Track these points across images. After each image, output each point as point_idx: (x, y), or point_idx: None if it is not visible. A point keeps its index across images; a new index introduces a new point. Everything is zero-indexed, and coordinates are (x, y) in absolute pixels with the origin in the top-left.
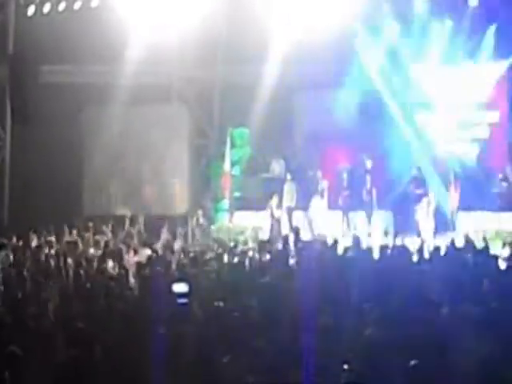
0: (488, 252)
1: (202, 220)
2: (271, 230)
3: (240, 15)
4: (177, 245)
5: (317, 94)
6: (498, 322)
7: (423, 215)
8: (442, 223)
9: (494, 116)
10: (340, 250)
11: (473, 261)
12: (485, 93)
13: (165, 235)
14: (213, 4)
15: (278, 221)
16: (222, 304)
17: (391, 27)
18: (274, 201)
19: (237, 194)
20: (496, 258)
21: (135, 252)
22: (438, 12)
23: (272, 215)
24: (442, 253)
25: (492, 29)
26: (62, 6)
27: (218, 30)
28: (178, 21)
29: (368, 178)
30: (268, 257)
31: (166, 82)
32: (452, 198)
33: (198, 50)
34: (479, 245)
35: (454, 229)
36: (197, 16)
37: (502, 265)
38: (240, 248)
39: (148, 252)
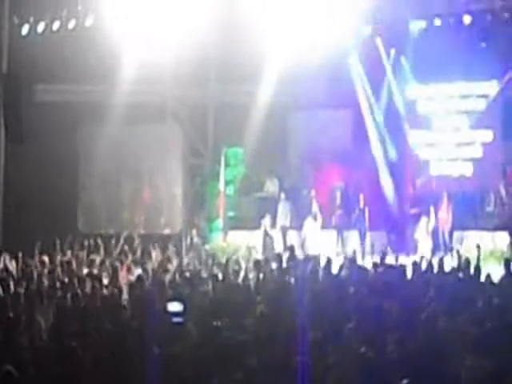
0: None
1: (196, 239)
2: (264, 250)
3: (234, 35)
4: (170, 264)
5: (311, 114)
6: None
7: (422, 234)
8: (437, 243)
9: (487, 135)
10: (334, 269)
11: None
12: (478, 112)
13: (157, 254)
14: (207, 24)
15: (272, 240)
16: (217, 323)
17: (386, 47)
18: (268, 220)
19: (231, 214)
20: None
21: (129, 271)
22: (433, 31)
23: (265, 234)
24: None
25: (485, 49)
26: (56, 26)
27: (212, 50)
28: (172, 41)
29: (361, 196)
30: (262, 276)
31: (160, 102)
32: (445, 218)
33: (192, 69)
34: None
35: (448, 248)
36: (191, 36)
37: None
38: (234, 267)
39: (140, 271)
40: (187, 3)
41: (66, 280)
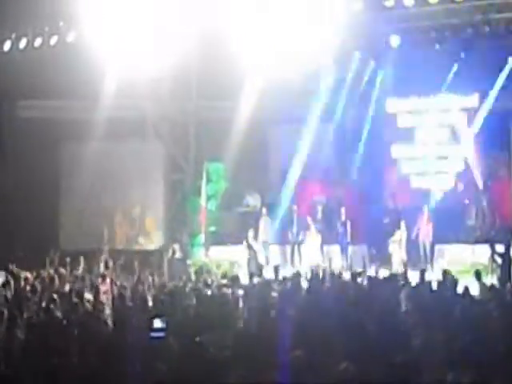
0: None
1: (178, 254)
2: (248, 264)
3: (214, 51)
4: (152, 279)
5: (291, 129)
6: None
7: (396, 248)
8: (416, 256)
9: (469, 149)
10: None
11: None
12: (459, 126)
13: (139, 270)
14: (187, 40)
15: (255, 254)
16: (199, 339)
17: (366, 61)
18: (251, 235)
19: (212, 229)
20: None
21: (111, 286)
22: (413, 45)
23: (249, 249)
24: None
25: (466, 63)
26: (38, 42)
27: (193, 66)
28: (153, 56)
29: (343, 210)
30: (241, 292)
31: (142, 118)
32: (425, 231)
33: (172, 85)
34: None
35: (429, 261)
36: (172, 52)
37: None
38: (215, 283)
39: (122, 287)
40: (168, 19)
41: (49, 296)
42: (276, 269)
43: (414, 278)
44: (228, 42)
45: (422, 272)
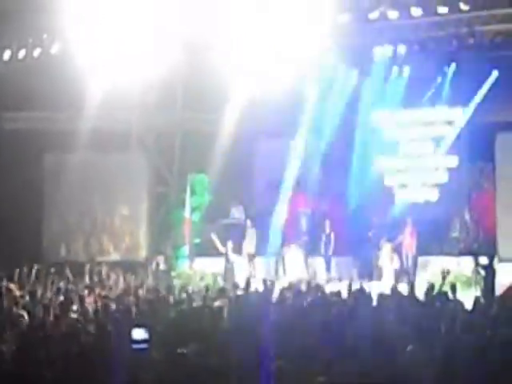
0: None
1: (162, 266)
2: (225, 276)
3: (200, 63)
4: (136, 290)
5: (276, 142)
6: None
7: (387, 260)
8: (401, 268)
9: (453, 161)
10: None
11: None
12: (444, 138)
13: (123, 281)
14: (173, 52)
15: (233, 266)
16: (182, 350)
17: (350, 74)
18: (230, 246)
19: (197, 241)
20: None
21: (95, 297)
22: (397, 58)
23: (227, 261)
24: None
25: (450, 75)
26: (21, 54)
27: (179, 78)
28: (138, 68)
29: (327, 223)
30: (227, 302)
31: (126, 129)
32: (408, 243)
33: (158, 97)
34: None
35: (413, 274)
36: (157, 63)
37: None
38: (199, 294)
39: (105, 298)
40: (153, 31)
41: (32, 307)
42: (265, 282)
43: (402, 290)
44: (214, 54)
45: (412, 285)
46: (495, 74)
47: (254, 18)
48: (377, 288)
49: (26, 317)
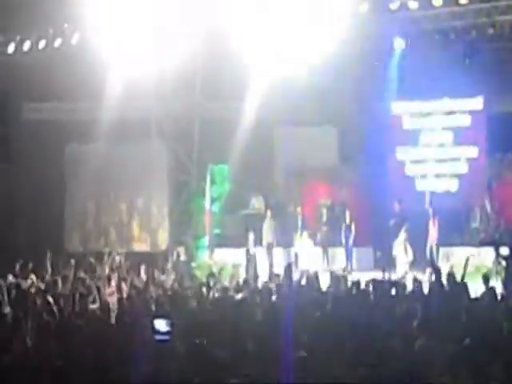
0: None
1: (182, 257)
2: (247, 268)
3: (219, 50)
4: (157, 281)
5: (296, 130)
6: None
7: (401, 251)
8: (422, 259)
9: (473, 151)
10: (322, 287)
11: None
12: (463, 128)
13: (144, 272)
14: (191, 40)
15: (254, 258)
16: (203, 341)
17: (371, 63)
18: (251, 238)
19: (216, 231)
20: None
21: (117, 289)
22: (418, 48)
23: (248, 252)
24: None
25: (470, 65)
26: (42, 44)
27: (197, 66)
28: (157, 57)
29: (347, 213)
30: (246, 294)
31: (146, 118)
32: (431, 234)
33: (177, 85)
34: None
35: (430, 265)
36: (175, 51)
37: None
38: (219, 285)
39: (128, 288)
40: (172, 19)
41: (53, 299)
42: (288, 268)
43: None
44: (233, 41)
45: (438, 272)
46: None
47: (273, 5)
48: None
49: (47, 308)
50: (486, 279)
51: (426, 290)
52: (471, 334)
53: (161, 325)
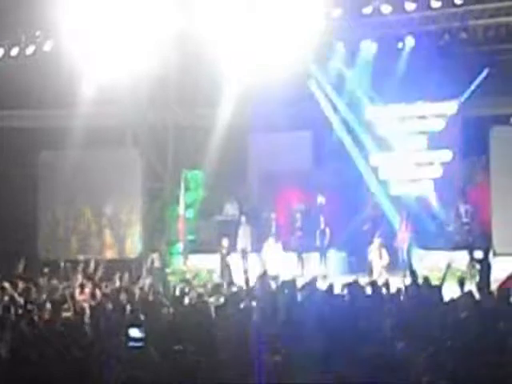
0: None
1: (156, 263)
2: (222, 274)
3: (193, 57)
4: (131, 288)
5: (270, 136)
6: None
7: (376, 255)
8: (396, 262)
9: (447, 155)
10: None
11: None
12: (437, 132)
13: (118, 278)
14: (164, 46)
15: (229, 264)
16: (178, 347)
17: (344, 68)
18: (226, 243)
19: (191, 237)
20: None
21: (91, 296)
22: (391, 52)
23: (223, 258)
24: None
25: (443, 69)
26: (14, 51)
27: (171, 73)
28: (130, 63)
29: (322, 218)
30: (222, 300)
31: (120, 125)
32: (402, 237)
33: (151, 92)
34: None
35: (407, 268)
36: (150, 58)
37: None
38: (193, 291)
39: (100, 295)
40: (145, 25)
41: (26, 307)
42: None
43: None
44: (207, 48)
45: (414, 275)
46: (488, 67)
47: (247, 12)
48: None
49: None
50: (461, 283)
51: (401, 294)
52: (448, 337)
53: (134, 331)
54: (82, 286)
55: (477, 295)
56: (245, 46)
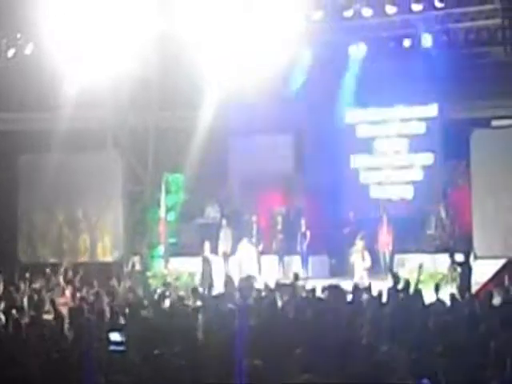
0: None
1: (137, 266)
2: (203, 277)
3: (173, 60)
4: (112, 291)
5: (252, 139)
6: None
7: (358, 258)
8: (377, 266)
9: (428, 158)
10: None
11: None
12: (418, 135)
13: (98, 282)
14: (146, 48)
15: (210, 266)
16: (158, 351)
17: (325, 71)
18: (207, 246)
19: (172, 240)
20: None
21: (71, 299)
22: (372, 55)
23: (204, 261)
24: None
25: (424, 72)
26: None
27: (152, 76)
28: (111, 66)
29: (303, 221)
30: (199, 303)
31: (101, 128)
32: (385, 241)
33: (131, 94)
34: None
35: (389, 271)
36: (130, 61)
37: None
38: (174, 294)
39: (81, 299)
40: (127, 28)
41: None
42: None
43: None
44: (188, 50)
45: (396, 278)
46: (468, 71)
47: (228, 15)
48: (349, 286)
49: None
50: (437, 287)
51: (383, 297)
52: (430, 341)
53: (115, 335)
54: (62, 290)
55: (458, 298)
56: (226, 49)
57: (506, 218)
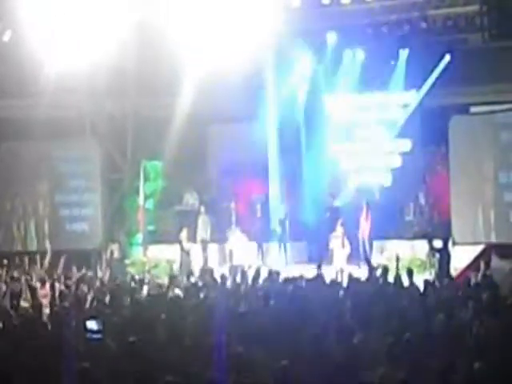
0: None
1: (116, 254)
2: (181, 264)
3: (151, 47)
4: (90, 279)
5: (230, 127)
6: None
7: (338, 244)
8: (356, 252)
9: (406, 145)
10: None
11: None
12: (397, 122)
13: (76, 270)
14: (123, 35)
15: (188, 254)
16: (134, 339)
17: (304, 58)
18: (185, 234)
19: (151, 228)
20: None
21: (50, 287)
22: (350, 42)
23: (182, 248)
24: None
25: (403, 59)
26: None
27: (130, 63)
28: (88, 52)
29: (282, 207)
30: (178, 291)
31: (79, 116)
32: (363, 227)
33: (109, 81)
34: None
35: (367, 257)
36: (108, 48)
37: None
38: (153, 282)
39: (61, 287)
40: (105, 14)
41: None
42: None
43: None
44: (166, 37)
45: (370, 267)
46: (447, 57)
47: (206, 1)
48: (328, 272)
49: None
50: (409, 273)
51: (361, 285)
52: (407, 328)
53: (92, 324)
54: (42, 279)
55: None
56: (204, 36)
57: (484, 204)
